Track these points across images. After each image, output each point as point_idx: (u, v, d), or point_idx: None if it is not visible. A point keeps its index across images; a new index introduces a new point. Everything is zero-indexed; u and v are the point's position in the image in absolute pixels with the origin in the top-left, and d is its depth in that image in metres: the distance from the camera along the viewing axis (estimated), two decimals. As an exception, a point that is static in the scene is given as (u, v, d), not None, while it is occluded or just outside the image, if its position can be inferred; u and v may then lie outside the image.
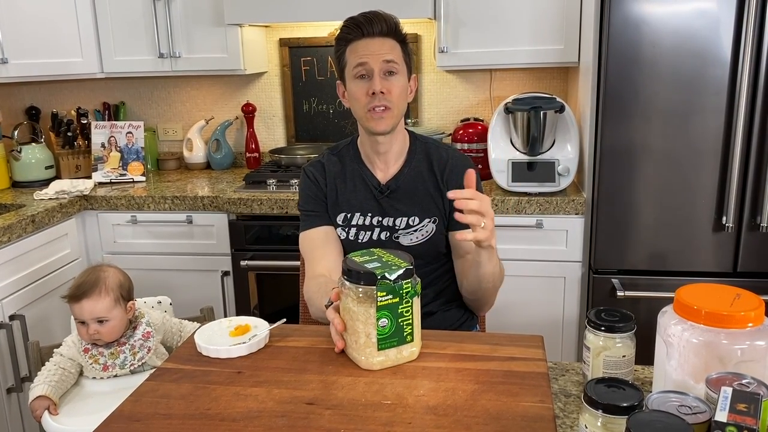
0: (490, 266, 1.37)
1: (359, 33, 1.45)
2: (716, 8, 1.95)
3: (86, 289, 1.61)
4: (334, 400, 1.01)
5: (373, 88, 1.43)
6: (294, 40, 2.93)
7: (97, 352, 1.62)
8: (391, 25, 1.46)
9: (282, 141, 3.08)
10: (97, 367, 1.61)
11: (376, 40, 1.44)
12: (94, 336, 1.60)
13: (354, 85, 1.47)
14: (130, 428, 0.97)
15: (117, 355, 1.62)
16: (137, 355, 1.63)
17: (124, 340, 1.64)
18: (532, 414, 0.96)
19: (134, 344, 1.64)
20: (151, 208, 2.52)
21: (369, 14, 1.45)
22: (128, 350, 1.63)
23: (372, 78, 1.44)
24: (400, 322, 1.09)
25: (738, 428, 0.71)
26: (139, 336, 1.65)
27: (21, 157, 2.74)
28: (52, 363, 1.62)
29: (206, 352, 1.18)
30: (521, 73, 2.82)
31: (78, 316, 1.61)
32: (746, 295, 0.94)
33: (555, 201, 2.27)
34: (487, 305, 1.58)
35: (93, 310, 1.59)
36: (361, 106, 1.46)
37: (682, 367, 0.92)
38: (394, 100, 1.46)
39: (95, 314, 1.59)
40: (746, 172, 2.05)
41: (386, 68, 1.44)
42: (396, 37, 1.47)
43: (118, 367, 1.61)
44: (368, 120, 1.47)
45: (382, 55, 1.43)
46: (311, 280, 1.48)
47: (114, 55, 2.74)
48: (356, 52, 1.45)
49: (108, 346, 1.62)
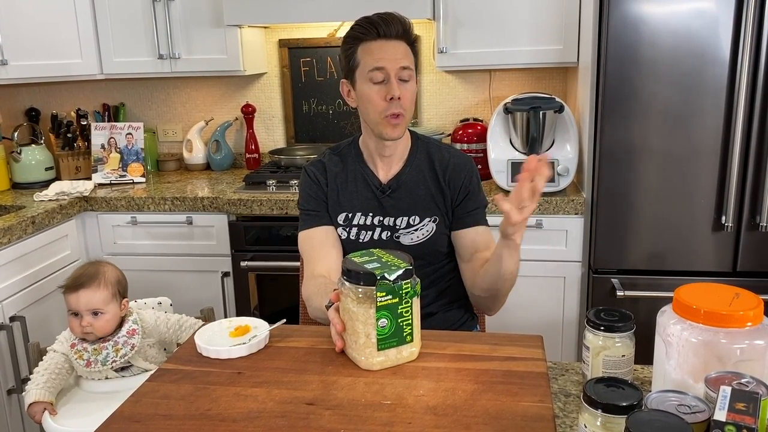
0: (511, 263, 1.35)
1: (375, 33, 1.43)
2: (715, 8, 1.95)
3: (85, 280, 1.60)
4: (334, 400, 1.02)
5: (392, 93, 1.42)
6: (293, 41, 2.93)
7: (82, 347, 1.61)
8: (406, 28, 1.45)
9: (281, 142, 3.08)
10: (81, 363, 1.60)
11: (391, 42, 1.43)
12: (86, 329, 1.59)
13: (369, 88, 1.44)
14: (131, 429, 0.97)
15: (100, 351, 1.60)
16: (120, 351, 1.61)
17: (108, 337, 1.62)
18: (531, 414, 0.96)
19: (117, 341, 1.62)
20: (151, 209, 2.52)
21: (385, 15, 1.44)
22: (111, 347, 1.61)
23: (389, 83, 1.42)
24: (399, 323, 1.09)
25: (737, 427, 0.71)
26: (123, 333, 1.63)
27: (21, 159, 2.75)
28: (43, 365, 1.61)
29: (206, 352, 1.18)
30: (520, 73, 2.82)
31: (74, 307, 1.60)
32: (745, 294, 0.94)
33: (554, 201, 2.27)
34: (499, 304, 1.52)
35: (90, 300, 1.59)
36: (378, 110, 1.45)
37: (681, 366, 0.92)
38: (407, 106, 1.46)
39: (92, 305, 1.59)
40: (745, 171, 2.05)
41: (402, 75, 1.44)
42: (408, 40, 1.46)
43: (101, 363, 1.59)
44: (384, 126, 1.46)
45: (398, 61, 1.42)
46: (310, 280, 1.48)
47: (113, 56, 2.74)
48: (372, 54, 1.43)
49: (93, 342, 1.61)
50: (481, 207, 1.56)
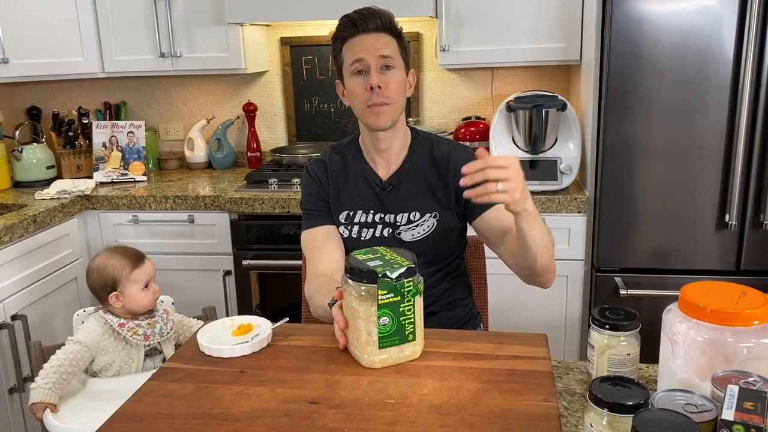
0: (536, 233, 1.29)
1: (354, 30, 1.44)
2: (718, 5, 1.94)
3: (140, 253, 1.71)
4: (337, 399, 1.01)
5: (371, 83, 1.42)
6: (295, 39, 2.92)
7: (135, 324, 1.65)
8: (386, 20, 1.45)
9: (283, 140, 3.07)
10: (138, 338, 1.64)
11: (371, 35, 1.44)
12: (157, 295, 1.69)
13: (351, 81, 1.46)
14: (133, 428, 0.96)
15: (153, 325, 1.67)
16: (168, 324, 1.69)
17: (152, 314, 1.70)
18: (536, 413, 0.95)
19: (163, 316, 1.70)
20: (153, 207, 2.52)
21: (363, 10, 1.45)
22: (161, 320, 1.69)
23: (369, 73, 1.43)
24: (401, 321, 1.08)
25: (745, 427, 0.70)
26: (161, 310, 1.72)
27: (22, 157, 2.74)
28: (57, 358, 1.59)
29: (209, 351, 1.18)
30: (523, 71, 2.81)
31: (146, 276, 1.67)
32: (752, 292, 0.94)
33: (557, 199, 2.26)
34: (550, 272, 1.42)
35: (152, 269, 1.70)
36: (360, 102, 1.46)
37: (687, 365, 0.92)
38: (392, 95, 1.45)
39: (153, 273, 1.70)
40: (749, 169, 2.04)
41: (383, 63, 1.44)
42: (391, 32, 1.46)
43: (158, 335, 1.66)
44: (367, 115, 1.46)
45: (377, 50, 1.43)
46: (312, 279, 1.48)
47: (115, 54, 2.73)
48: (352, 48, 1.44)
49: (141, 318, 1.67)
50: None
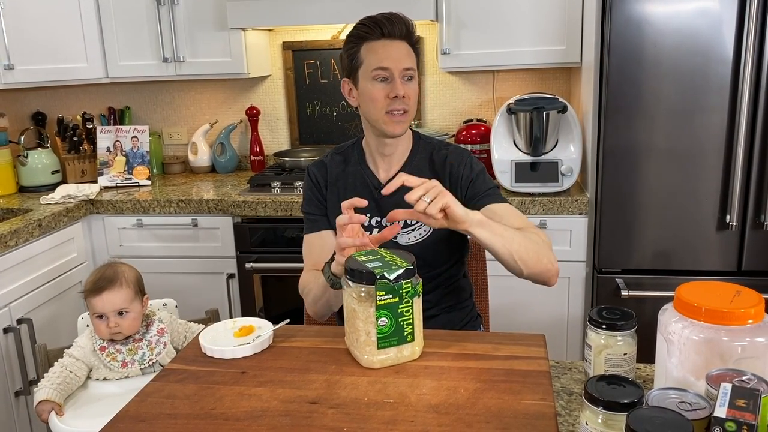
0: (497, 240, 1.28)
1: (379, 33, 1.44)
2: (718, 7, 1.95)
3: (106, 282, 1.63)
4: (337, 399, 1.02)
5: (396, 92, 1.43)
6: (297, 43, 2.94)
7: (115, 349, 1.63)
8: (410, 28, 1.46)
9: (286, 144, 3.09)
10: (116, 365, 1.62)
11: (395, 43, 1.44)
12: (114, 329, 1.61)
13: (372, 86, 1.45)
14: (136, 428, 0.98)
15: (135, 351, 1.63)
16: (155, 350, 1.65)
17: (139, 337, 1.65)
18: (533, 412, 0.96)
19: (150, 340, 1.65)
20: (157, 211, 2.54)
21: (389, 15, 1.45)
22: (146, 346, 1.64)
23: (393, 81, 1.44)
24: (400, 322, 1.09)
25: (737, 424, 0.71)
26: (154, 332, 1.67)
27: (27, 162, 2.77)
28: (59, 365, 1.62)
29: (211, 352, 1.19)
30: (524, 73, 2.82)
31: (99, 310, 1.61)
32: (746, 292, 0.95)
33: (558, 201, 2.27)
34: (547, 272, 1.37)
35: (114, 301, 1.60)
36: (378, 108, 1.45)
37: (682, 364, 0.92)
38: (411, 105, 1.47)
39: (116, 306, 1.60)
40: (750, 170, 2.05)
41: (406, 74, 1.45)
42: (411, 41, 1.47)
43: (137, 362, 1.62)
44: (386, 123, 1.46)
45: (402, 62, 1.44)
46: (307, 273, 1.52)
47: (118, 59, 2.76)
48: (375, 53, 1.44)
49: (125, 343, 1.64)
50: (490, 189, 1.51)
